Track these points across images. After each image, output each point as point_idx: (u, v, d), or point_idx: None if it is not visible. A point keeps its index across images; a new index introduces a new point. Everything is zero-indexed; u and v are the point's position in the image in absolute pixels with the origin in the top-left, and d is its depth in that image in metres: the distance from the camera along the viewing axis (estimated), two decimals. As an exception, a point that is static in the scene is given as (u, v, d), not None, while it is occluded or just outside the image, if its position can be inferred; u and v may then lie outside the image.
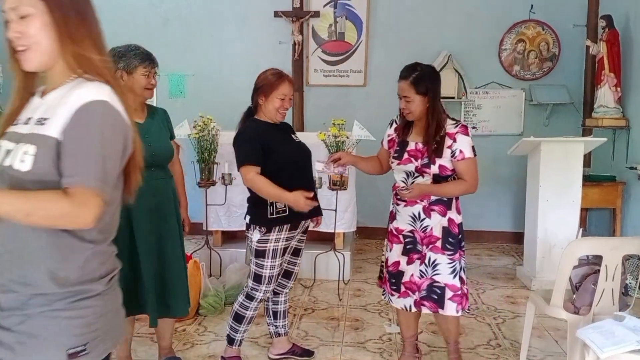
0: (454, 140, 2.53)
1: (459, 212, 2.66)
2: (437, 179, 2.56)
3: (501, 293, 4.17)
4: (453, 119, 2.63)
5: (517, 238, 5.29)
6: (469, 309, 2.72)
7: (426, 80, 2.54)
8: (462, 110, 5.65)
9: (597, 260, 2.56)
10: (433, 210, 2.58)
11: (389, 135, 2.76)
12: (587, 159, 5.12)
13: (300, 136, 2.93)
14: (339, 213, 4.19)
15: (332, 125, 3.96)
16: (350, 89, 5.69)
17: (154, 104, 5.94)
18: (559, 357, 3.05)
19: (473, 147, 2.57)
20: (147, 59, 2.60)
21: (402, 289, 2.65)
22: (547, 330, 3.40)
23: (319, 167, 2.70)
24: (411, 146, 2.60)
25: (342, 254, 4.29)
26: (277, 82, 2.69)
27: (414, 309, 2.65)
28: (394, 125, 2.73)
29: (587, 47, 5.11)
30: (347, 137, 3.88)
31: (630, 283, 3.66)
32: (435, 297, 2.59)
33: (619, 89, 4.80)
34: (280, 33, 5.69)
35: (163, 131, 2.68)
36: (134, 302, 2.46)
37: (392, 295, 2.70)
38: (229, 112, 2.92)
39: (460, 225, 2.65)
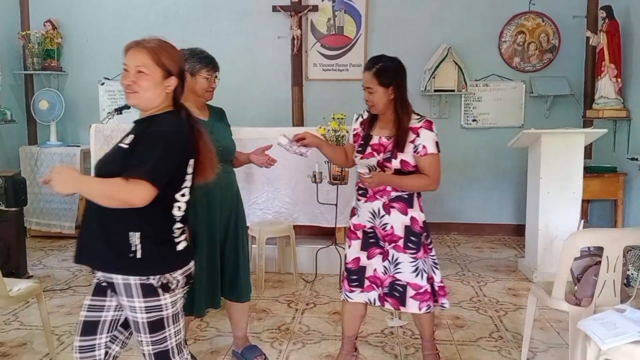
0: (417, 135, 2.50)
1: (421, 210, 2.62)
2: (399, 174, 2.53)
3: (503, 285, 4.17)
4: (418, 114, 2.58)
5: (519, 230, 5.28)
6: (442, 305, 2.64)
7: (390, 72, 2.52)
8: (463, 103, 5.64)
9: (598, 251, 2.55)
10: (393, 207, 2.55)
11: (354, 130, 2.72)
12: (588, 151, 5.11)
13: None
14: (340, 208, 4.18)
15: (331, 120, 3.96)
16: (349, 83, 5.66)
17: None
18: (561, 348, 3.06)
19: (437, 143, 2.53)
20: (210, 64, 2.69)
21: (367, 283, 2.63)
22: (549, 322, 3.40)
23: (283, 141, 2.64)
24: (375, 140, 2.58)
25: (343, 248, 4.27)
26: None
27: (377, 303, 2.64)
28: (360, 120, 2.71)
29: (587, 38, 5.09)
30: (347, 132, 3.87)
31: (632, 274, 3.65)
32: (397, 294, 2.58)
33: (619, 79, 4.78)
34: (279, 28, 5.67)
35: (226, 128, 2.79)
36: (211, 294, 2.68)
37: (353, 291, 2.67)
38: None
39: (424, 223, 2.61)
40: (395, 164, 2.50)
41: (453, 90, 5.47)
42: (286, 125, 5.53)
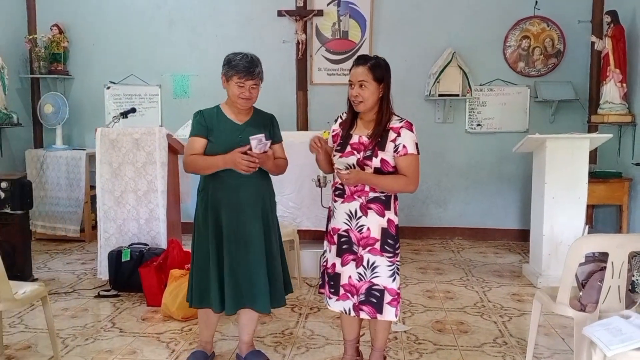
0: (398, 135, 2.51)
1: (396, 213, 2.60)
2: (378, 174, 2.51)
3: (507, 291, 4.16)
4: (398, 116, 2.59)
5: (523, 235, 5.27)
6: (402, 320, 2.64)
7: (383, 69, 2.53)
8: (467, 107, 5.64)
9: (603, 257, 2.54)
10: (370, 208, 2.54)
11: (334, 131, 2.71)
12: (593, 156, 5.10)
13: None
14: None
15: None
16: (354, 87, 5.67)
17: (160, 104, 5.98)
18: (566, 354, 3.04)
19: (417, 144, 2.53)
20: (243, 71, 2.67)
21: (342, 291, 2.60)
22: (554, 327, 3.39)
23: (257, 140, 2.59)
24: (354, 139, 2.57)
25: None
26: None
27: (352, 313, 2.60)
28: (339, 121, 2.71)
29: (592, 43, 5.08)
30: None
31: (637, 280, 3.62)
32: (375, 300, 2.55)
33: (624, 84, 4.77)
34: (284, 32, 5.70)
35: (260, 132, 2.71)
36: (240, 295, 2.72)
37: (330, 298, 2.65)
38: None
39: (397, 227, 2.59)
40: (376, 162, 2.50)
41: (458, 95, 5.46)
42: (291, 129, 5.54)
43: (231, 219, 2.68)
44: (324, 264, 2.72)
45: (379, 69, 2.52)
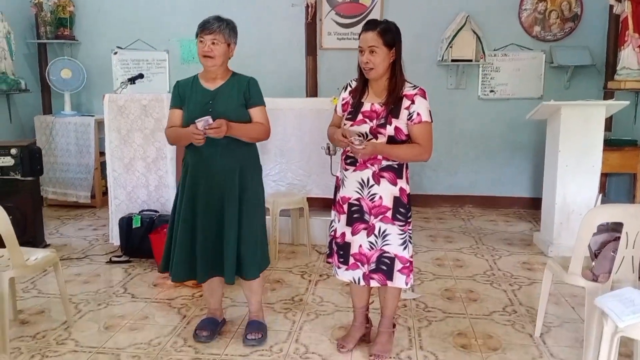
0: (412, 102, 2.45)
1: (407, 182, 2.56)
2: (391, 142, 2.46)
3: (517, 259, 4.15)
4: (410, 83, 2.52)
5: (535, 204, 5.23)
6: (412, 287, 2.62)
7: (393, 33, 2.46)
8: (480, 73, 5.52)
9: (617, 226, 2.51)
10: (383, 177, 2.49)
11: (343, 99, 2.64)
12: (608, 123, 4.99)
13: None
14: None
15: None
16: (365, 52, 5.56)
17: (167, 70, 5.91)
18: (575, 323, 3.04)
19: (430, 112, 2.48)
20: (201, 25, 2.64)
21: (351, 260, 2.58)
22: (564, 296, 3.38)
23: (202, 121, 2.50)
24: (366, 107, 2.51)
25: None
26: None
27: (362, 282, 2.58)
28: (349, 89, 2.64)
29: (611, 7, 4.92)
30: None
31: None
32: (385, 267, 2.53)
33: (643, 50, 4.64)
34: (293, -5, 5.57)
35: (232, 98, 2.66)
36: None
37: (339, 268, 2.63)
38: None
39: (409, 196, 2.56)
40: (390, 130, 2.45)
41: (471, 60, 5.35)
42: (300, 96, 5.47)
43: (205, 187, 2.65)
44: (332, 233, 2.70)
45: (390, 34, 2.44)
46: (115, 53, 5.80)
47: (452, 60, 5.35)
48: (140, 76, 4.47)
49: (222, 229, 2.66)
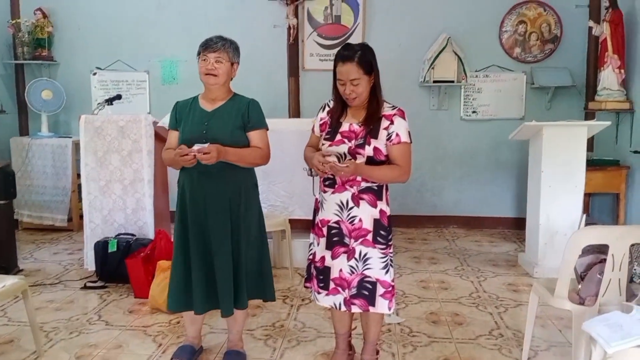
0: (391, 122, 2.42)
1: (388, 204, 2.51)
2: (370, 163, 2.42)
3: (503, 281, 4.10)
4: (389, 103, 2.50)
5: (519, 224, 5.20)
6: (396, 311, 2.54)
7: (369, 57, 2.42)
8: (462, 94, 5.54)
9: (603, 248, 2.46)
10: (362, 199, 2.44)
11: (321, 119, 2.59)
12: (590, 143, 5.01)
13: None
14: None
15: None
16: (347, 73, 5.55)
17: (148, 91, 5.84)
18: (563, 347, 2.98)
19: (409, 133, 2.45)
20: (205, 44, 2.58)
21: (332, 285, 2.49)
22: (550, 319, 3.33)
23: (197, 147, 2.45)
24: (345, 127, 2.47)
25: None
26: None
27: (343, 308, 2.50)
28: (327, 109, 2.59)
29: (590, 28, 4.99)
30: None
31: (636, 270, 3.57)
32: (367, 293, 2.45)
33: (622, 71, 4.69)
34: (275, 16, 5.56)
35: (229, 120, 2.58)
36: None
37: (319, 293, 2.54)
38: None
39: (389, 218, 2.50)
40: (369, 150, 2.40)
41: (453, 81, 5.36)
42: (283, 116, 5.43)
43: (197, 213, 2.56)
44: (311, 257, 2.62)
45: (367, 61, 2.40)
46: (95, 74, 5.73)
47: (434, 81, 5.35)
48: (118, 97, 4.39)
49: (214, 258, 2.55)
